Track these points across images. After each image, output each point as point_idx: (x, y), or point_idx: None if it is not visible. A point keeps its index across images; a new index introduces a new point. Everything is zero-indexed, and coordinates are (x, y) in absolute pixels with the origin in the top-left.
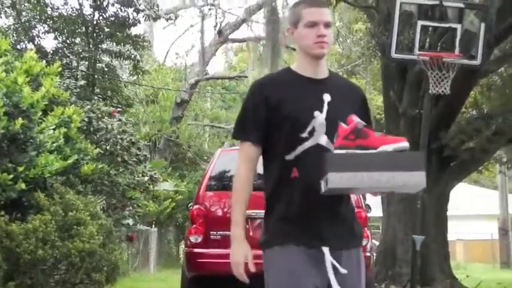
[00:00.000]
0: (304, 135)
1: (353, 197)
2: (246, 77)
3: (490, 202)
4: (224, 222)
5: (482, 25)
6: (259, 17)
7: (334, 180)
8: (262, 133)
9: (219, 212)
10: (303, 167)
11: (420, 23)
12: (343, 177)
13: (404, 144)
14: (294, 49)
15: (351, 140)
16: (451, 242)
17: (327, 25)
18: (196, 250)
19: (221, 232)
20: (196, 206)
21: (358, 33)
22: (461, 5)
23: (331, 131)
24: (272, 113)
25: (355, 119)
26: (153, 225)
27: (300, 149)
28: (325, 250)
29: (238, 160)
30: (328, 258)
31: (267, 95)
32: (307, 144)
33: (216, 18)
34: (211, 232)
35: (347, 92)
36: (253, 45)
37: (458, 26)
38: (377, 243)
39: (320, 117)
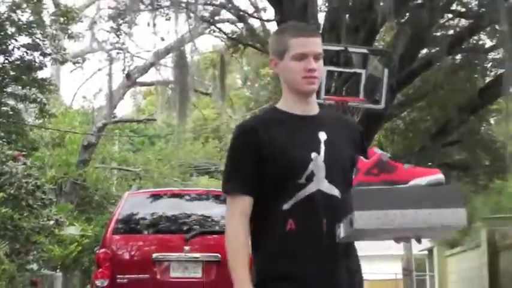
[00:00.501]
0: (302, 181)
1: None
2: (155, 120)
3: (394, 242)
4: (131, 266)
5: (386, 70)
6: (168, 61)
7: (362, 219)
8: (257, 182)
9: (126, 256)
10: (302, 217)
11: (326, 68)
12: (373, 216)
13: (440, 176)
14: (203, 93)
15: (375, 174)
16: None
17: (317, 57)
18: None
19: (128, 276)
20: (102, 250)
21: (265, 77)
22: (365, 51)
23: (331, 174)
24: (265, 158)
25: (378, 151)
26: (58, 270)
27: (298, 196)
28: None
29: (230, 216)
30: None
31: (258, 139)
32: (306, 191)
33: (124, 61)
34: (118, 276)
35: (343, 127)
36: (162, 89)
37: (363, 71)
38: None
39: (318, 159)
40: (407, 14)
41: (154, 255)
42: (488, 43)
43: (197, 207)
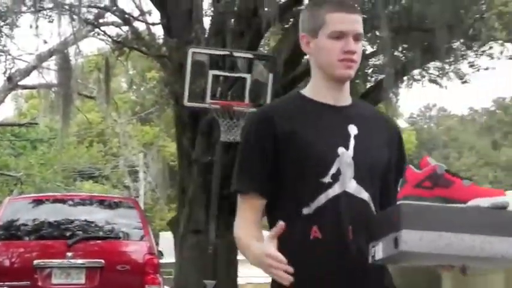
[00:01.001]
0: (327, 180)
1: (146, 244)
2: (37, 123)
3: None
4: (11, 273)
5: (271, 75)
6: (51, 63)
7: (411, 240)
8: (269, 181)
9: (7, 263)
10: (326, 223)
11: (211, 72)
12: (424, 238)
13: (505, 199)
14: (87, 96)
15: (427, 188)
16: (241, 285)
17: (357, 38)
18: None
19: (8, 283)
20: None
21: (151, 81)
22: (250, 56)
23: (360, 174)
24: (282, 153)
25: (432, 161)
26: None
27: (322, 199)
28: None
29: (237, 216)
30: None
31: (275, 129)
32: (331, 193)
33: (6, 64)
34: None
35: (380, 124)
36: (45, 92)
37: (248, 76)
38: None
39: (346, 156)
40: (292, 19)
41: (35, 261)
42: (369, 49)
43: (80, 212)
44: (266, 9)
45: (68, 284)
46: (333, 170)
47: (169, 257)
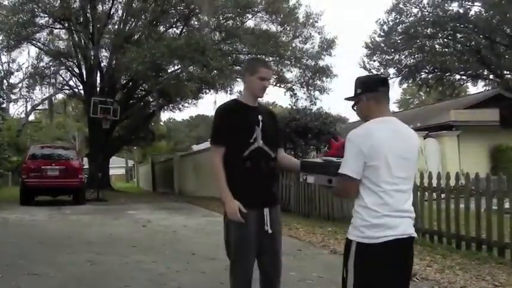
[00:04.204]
0: (251, 140)
1: (78, 161)
2: None
3: None
4: (34, 170)
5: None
6: None
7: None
8: (227, 138)
9: (32, 166)
10: (253, 159)
11: (99, 105)
12: (313, 178)
13: (328, 158)
14: None
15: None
16: None
17: (269, 80)
18: None
19: (34, 174)
20: None
21: None
22: (111, 100)
23: (264, 138)
24: (233, 126)
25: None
26: None
27: (251, 148)
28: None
29: (213, 157)
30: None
31: (230, 114)
32: (253, 146)
33: None
34: None
35: (269, 114)
36: None
37: (112, 107)
38: None
39: (258, 130)
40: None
41: (42, 166)
42: None
43: (56, 150)
44: None
45: (53, 175)
46: (254, 136)
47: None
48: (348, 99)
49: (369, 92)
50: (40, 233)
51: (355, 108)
